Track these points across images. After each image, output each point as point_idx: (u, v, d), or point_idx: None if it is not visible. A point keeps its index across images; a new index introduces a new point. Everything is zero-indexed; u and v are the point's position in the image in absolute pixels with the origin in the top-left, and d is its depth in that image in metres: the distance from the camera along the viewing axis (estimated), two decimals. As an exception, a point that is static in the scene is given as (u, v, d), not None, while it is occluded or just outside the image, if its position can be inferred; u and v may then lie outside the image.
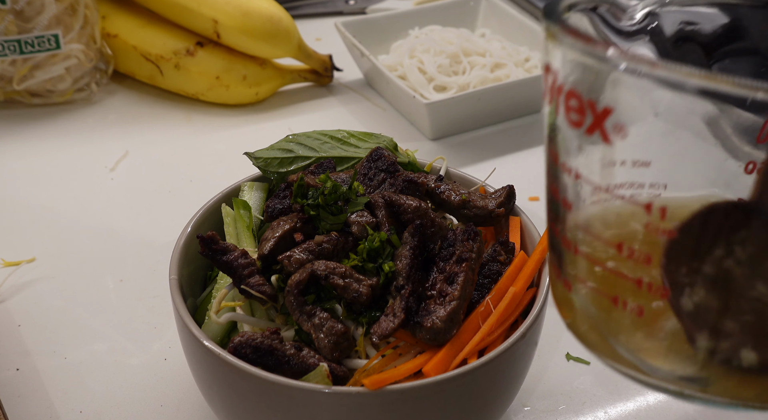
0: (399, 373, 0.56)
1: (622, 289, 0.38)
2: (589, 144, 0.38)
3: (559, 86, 0.38)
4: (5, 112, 1.04)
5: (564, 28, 0.37)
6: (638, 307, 0.38)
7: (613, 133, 0.37)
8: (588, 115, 0.37)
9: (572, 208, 0.40)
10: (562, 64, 0.38)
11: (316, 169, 0.69)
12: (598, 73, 0.36)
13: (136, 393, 0.70)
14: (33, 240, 0.86)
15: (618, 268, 0.38)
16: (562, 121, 0.39)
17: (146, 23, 1.07)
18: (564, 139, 0.39)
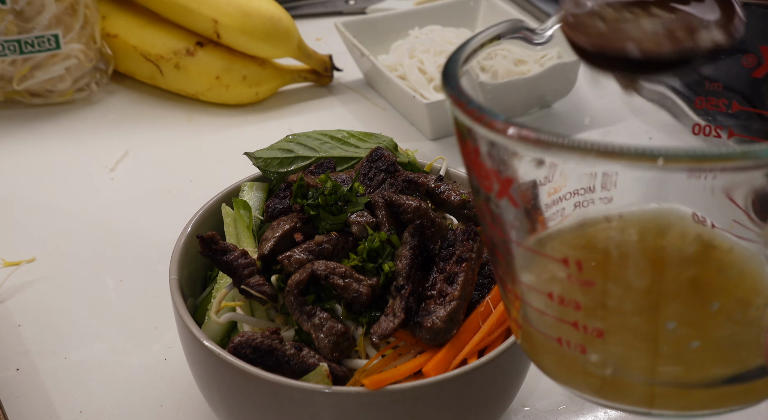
0: (399, 373, 0.56)
1: (563, 332, 0.40)
2: (503, 204, 0.39)
3: (465, 151, 0.39)
4: (5, 112, 1.04)
5: (453, 99, 0.37)
6: (580, 346, 0.40)
7: (519, 199, 0.38)
8: (494, 181, 0.38)
9: (504, 259, 0.42)
10: (462, 131, 0.38)
11: (316, 169, 0.69)
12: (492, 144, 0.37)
13: (136, 393, 0.70)
14: (33, 240, 0.86)
15: (555, 313, 0.40)
16: (476, 183, 0.40)
17: (146, 23, 1.07)
18: (482, 198, 0.40)
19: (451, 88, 0.38)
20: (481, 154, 0.37)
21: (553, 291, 0.40)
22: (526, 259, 0.41)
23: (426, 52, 1.06)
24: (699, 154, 0.32)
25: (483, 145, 0.37)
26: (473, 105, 0.36)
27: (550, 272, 0.41)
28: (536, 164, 0.37)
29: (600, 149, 0.33)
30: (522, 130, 0.35)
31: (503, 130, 0.35)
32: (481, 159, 0.38)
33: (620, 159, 0.33)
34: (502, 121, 0.35)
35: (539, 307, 0.41)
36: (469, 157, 0.39)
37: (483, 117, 0.36)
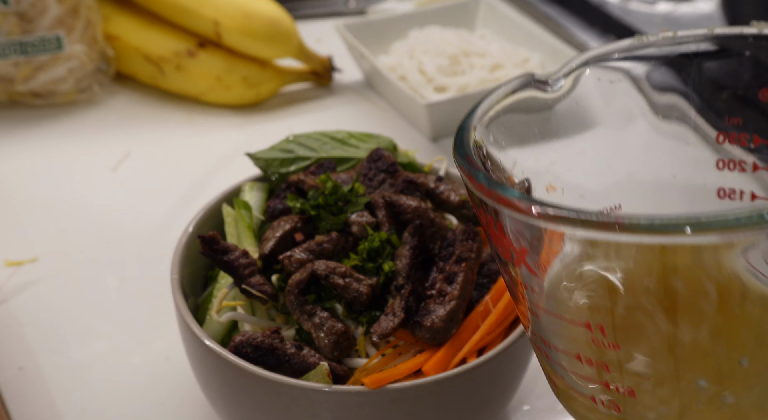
0: (399, 372, 0.56)
1: (596, 391, 0.40)
2: (522, 271, 0.39)
3: (480, 218, 0.39)
4: (8, 113, 1.05)
5: (463, 171, 0.38)
6: (614, 404, 0.40)
7: (537, 269, 0.38)
8: (511, 251, 0.38)
9: (530, 320, 0.42)
10: (476, 201, 0.38)
11: (317, 170, 0.69)
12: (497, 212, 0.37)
13: (137, 391, 0.70)
14: (35, 240, 0.86)
15: (586, 374, 0.40)
16: (495, 249, 0.40)
17: (148, 24, 1.07)
18: (502, 263, 0.40)
19: (462, 161, 0.39)
20: (497, 225, 0.37)
21: (581, 353, 0.40)
22: (549, 322, 0.41)
23: (426, 53, 1.07)
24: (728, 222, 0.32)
25: (495, 216, 0.37)
26: (482, 179, 0.36)
27: (574, 335, 0.40)
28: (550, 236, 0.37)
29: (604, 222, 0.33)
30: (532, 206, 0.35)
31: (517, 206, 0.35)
32: (496, 229, 0.38)
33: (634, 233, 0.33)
34: (515, 197, 0.35)
35: (570, 367, 0.41)
36: (486, 226, 0.39)
37: (492, 192, 0.36)
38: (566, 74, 0.45)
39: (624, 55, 0.46)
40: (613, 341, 0.38)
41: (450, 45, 1.08)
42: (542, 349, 0.43)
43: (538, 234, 0.37)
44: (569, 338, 0.41)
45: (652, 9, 1.21)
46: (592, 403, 0.41)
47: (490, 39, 1.13)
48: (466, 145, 0.40)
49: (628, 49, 0.46)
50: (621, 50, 0.46)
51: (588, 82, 0.46)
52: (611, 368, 0.39)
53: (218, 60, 1.05)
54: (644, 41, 0.45)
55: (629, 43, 0.45)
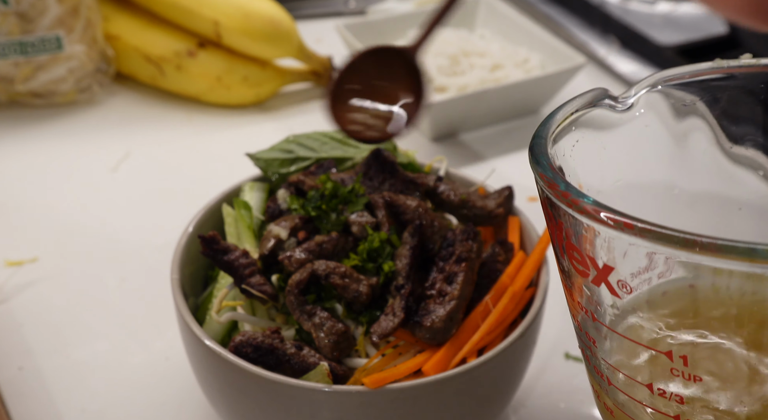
0: (399, 372, 0.56)
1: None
2: (600, 291, 0.37)
3: (557, 231, 0.37)
4: (8, 113, 1.05)
5: (547, 184, 0.36)
6: None
7: (619, 289, 0.36)
8: (591, 268, 0.36)
9: (597, 344, 0.40)
10: (554, 213, 0.36)
11: (317, 170, 0.69)
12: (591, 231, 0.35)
13: (137, 392, 0.70)
14: (35, 240, 0.86)
15: (654, 404, 0.38)
16: (569, 266, 0.37)
17: (148, 24, 1.07)
18: (574, 281, 0.38)
19: (542, 169, 0.37)
20: (576, 238, 0.35)
21: (654, 382, 0.38)
22: (620, 345, 0.39)
23: (425, 53, 1.07)
24: None
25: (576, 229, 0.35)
26: (569, 188, 0.34)
27: (648, 363, 0.38)
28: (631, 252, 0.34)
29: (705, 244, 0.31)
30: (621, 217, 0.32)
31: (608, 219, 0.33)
32: (575, 241, 0.35)
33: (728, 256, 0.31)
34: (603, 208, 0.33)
35: (637, 397, 0.39)
36: (560, 240, 0.37)
37: (578, 202, 0.34)
38: (636, 93, 0.44)
39: (698, 78, 0.44)
40: (694, 373, 0.36)
41: (450, 45, 1.08)
42: (604, 376, 0.40)
43: (624, 250, 0.34)
44: (641, 366, 0.38)
45: (652, 9, 1.21)
46: None
47: (490, 39, 1.13)
48: (544, 153, 0.38)
49: (705, 72, 0.44)
50: (696, 73, 0.44)
51: (657, 102, 0.44)
52: (686, 401, 0.37)
53: (218, 60, 1.05)
54: (724, 66, 0.44)
55: (707, 67, 0.44)
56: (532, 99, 1.05)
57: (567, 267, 0.38)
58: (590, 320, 0.39)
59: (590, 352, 0.41)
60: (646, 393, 0.38)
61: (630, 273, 0.36)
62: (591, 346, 0.41)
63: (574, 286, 0.39)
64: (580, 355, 0.73)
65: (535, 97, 1.05)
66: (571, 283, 0.39)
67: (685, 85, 0.44)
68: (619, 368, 0.39)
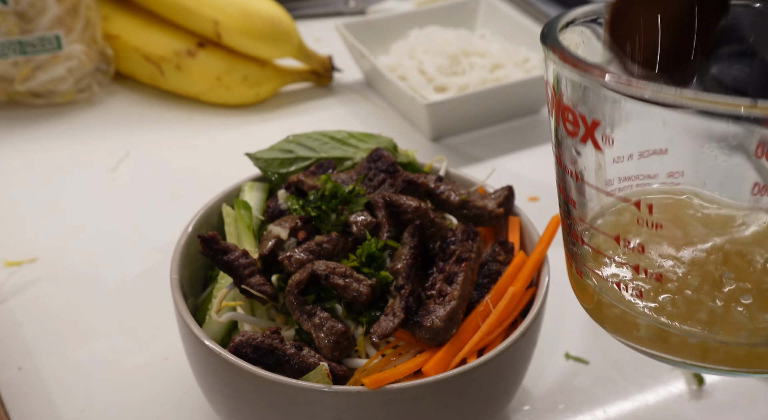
0: (399, 372, 0.56)
1: (624, 276, 0.43)
2: (585, 150, 0.42)
3: (556, 100, 0.42)
4: (7, 113, 1.05)
5: (555, 49, 0.41)
6: (639, 291, 0.42)
7: (603, 143, 0.41)
8: (581, 126, 0.41)
9: (577, 206, 0.45)
10: (556, 81, 0.42)
11: (317, 170, 0.69)
12: (584, 89, 0.40)
13: (137, 392, 0.70)
14: (35, 240, 0.86)
15: (619, 257, 0.43)
16: (561, 130, 0.43)
17: (147, 24, 1.07)
18: (564, 145, 0.43)
19: (551, 40, 0.42)
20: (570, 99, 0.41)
21: (621, 233, 0.42)
22: (598, 201, 0.44)
23: (426, 53, 1.07)
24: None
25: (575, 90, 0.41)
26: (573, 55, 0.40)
27: (619, 215, 0.43)
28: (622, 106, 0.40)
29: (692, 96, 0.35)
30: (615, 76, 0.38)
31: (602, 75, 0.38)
32: (568, 103, 0.41)
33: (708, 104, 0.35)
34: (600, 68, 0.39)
35: (605, 250, 0.43)
36: (559, 106, 0.42)
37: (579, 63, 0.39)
38: None
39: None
40: (657, 221, 0.41)
41: (450, 45, 1.08)
42: (579, 236, 0.45)
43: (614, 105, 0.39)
44: (613, 220, 0.43)
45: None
46: (616, 290, 0.43)
47: (490, 39, 1.13)
48: (554, 33, 0.43)
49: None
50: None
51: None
52: (647, 249, 0.41)
53: (218, 60, 1.05)
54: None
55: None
56: (532, 99, 1.05)
57: (561, 134, 0.43)
58: (575, 181, 0.44)
59: (569, 219, 0.46)
60: (613, 245, 0.43)
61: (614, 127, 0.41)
62: (572, 209, 0.45)
63: (564, 152, 0.44)
64: (580, 355, 0.73)
65: (535, 97, 1.05)
66: (562, 151, 0.44)
67: None
68: (592, 224, 0.44)
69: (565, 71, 0.40)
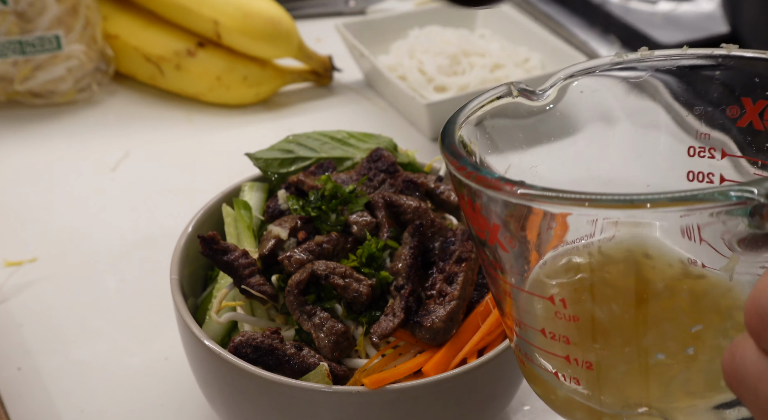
0: (399, 372, 0.56)
1: (558, 365, 0.43)
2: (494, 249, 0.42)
3: (462, 200, 0.42)
4: (7, 113, 1.05)
5: (447, 157, 0.41)
6: (575, 378, 0.43)
7: (507, 245, 0.42)
8: (486, 229, 0.41)
9: (501, 299, 0.45)
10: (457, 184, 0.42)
11: (317, 170, 0.69)
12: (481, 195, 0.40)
13: (137, 392, 0.70)
14: (34, 240, 0.86)
15: (549, 348, 0.43)
16: (471, 227, 0.43)
17: (147, 24, 1.07)
18: (476, 241, 0.43)
19: (446, 148, 0.42)
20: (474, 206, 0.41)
21: (545, 327, 0.42)
22: (518, 297, 0.44)
23: (426, 53, 1.07)
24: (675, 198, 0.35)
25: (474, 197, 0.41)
26: (464, 162, 0.40)
27: (540, 310, 0.43)
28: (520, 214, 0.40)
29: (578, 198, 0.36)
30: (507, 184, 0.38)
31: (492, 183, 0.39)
32: (473, 209, 0.41)
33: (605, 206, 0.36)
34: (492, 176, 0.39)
35: (535, 343, 0.44)
36: (464, 207, 0.42)
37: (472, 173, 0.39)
38: (552, 85, 0.49)
39: (606, 69, 0.49)
40: (573, 314, 0.41)
41: (450, 45, 1.08)
42: (512, 328, 0.45)
43: (511, 211, 0.40)
44: (535, 314, 0.43)
45: (653, 8, 1.21)
46: (555, 379, 0.44)
47: (490, 39, 1.13)
48: (451, 135, 0.43)
49: (610, 65, 0.49)
50: (603, 66, 0.49)
51: (572, 92, 0.49)
52: (571, 341, 0.42)
53: (218, 60, 1.05)
54: (624, 58, 0.48)
55: (610, 60, 0.49)
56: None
57: (474, 234, 0.43)
58: (495, 278, 0.44)
59: (501, 309, 0.46)
60: (541, 338, 0.43)
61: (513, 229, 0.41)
62: (500, 303, 0.46)
63: (481, 251, 0.44)
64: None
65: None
66: (479, 247, 0.44)
67: (593, 76, 0.49)
68: (520, 319, 0.44)
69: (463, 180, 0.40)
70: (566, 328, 0.42)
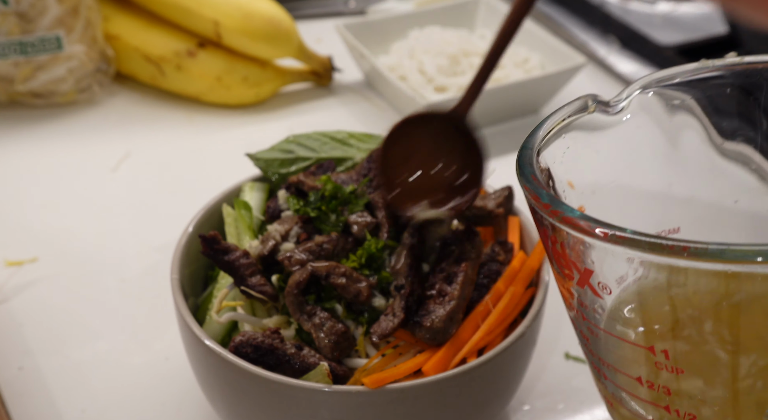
0: (399, 372, 0.56)
1: (656, 414, 0.40)
2: (585, 293, 0.39)
3: (545, 238, 0.39)
4: (8, 113, 1.05)
5: (531, 195, 0.38)
6: None
7: (601, 290, 0.38)
8: (574, 271, 0.38)
9: (590, 342, 0.42)
10: (542, 221, 0.38)
11: (317, 170, 0.69)
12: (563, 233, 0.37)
13: (137, 392, 0.70)
14: (35, 240, 0.86)
15: (645, 396, 0.40)
16: (557, 268, 0.40)
17: (148, 24, 1.07)
18: (565, 285, 0.40)
19: (525, 180, 0.38)
20: (560, 245, 0.37)
21: (642, 376, 0.40)
22: (610, 343, 0.41)
23: (426, 53, 1.07)
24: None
25: (558, 236, 0.37)
26: (546, 199, 0.36)
27: (636, 357, 0.40)
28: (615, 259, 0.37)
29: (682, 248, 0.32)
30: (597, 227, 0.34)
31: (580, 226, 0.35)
32: (559, 248, 0.38)
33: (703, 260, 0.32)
34: (578, 217, 0.35)
35: (629, 390, 0.41)
36: (548, 245, 0.39)
37: (557, 212, 0.36)
38: (628, 96, 0.45)
39: (688, 78, 0.45)
40: (676, 366, 0.38)
41: (450, 45, 1.08)
42: (600, 370, 0.42)
43: (603, 255, 0.36)
44: (630, 360, 0.40)
45: (652, 9, 1.21)
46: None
47: (490, 39, 1.13)
48: (529, 164, 0.40)
49: (693, 73, 0.45)
50: (685, 73, 0.45)
51: (650, 104, 0.46)
52: (673, 392, 0.39)
53: (218, 60, 1.05)
54: (710, 65, 0.45)
55: (694, 67, 0.45)
56: (532, 99, 1.05)
57: (557, 270, 0.40)
58: (581, 319, 0.41)
59: (586, 349, 0.43)
60: (636, 385, 0.40)
61: (610, 276, 0.37)
62: (586, 343, 0.42)
63: (564, 288, 0.41)
64: (580, 355, 0.74)
65: (535, 97, 1.05)
66: (562, 285, 0.41)
67: (675, 86, 0.45)
68: (611, 364, 0.41)
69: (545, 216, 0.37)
70: (668, 380, 0.39)
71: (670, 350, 0.38)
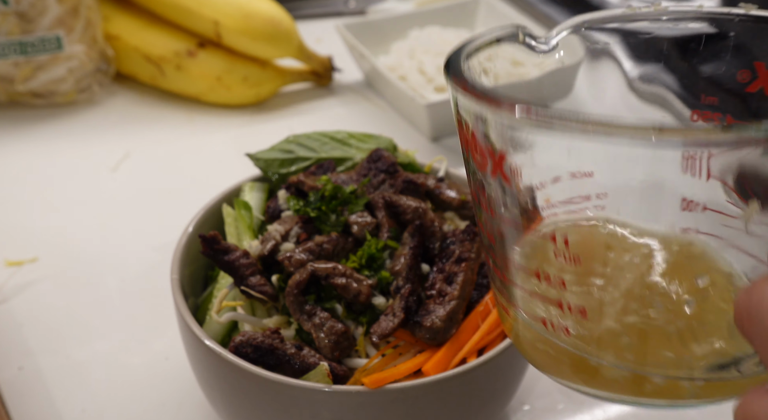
0: (399, 372, 0.56)
1: (549, 312, 0.41)
2: (495, 183, 0.40)
3: (462, 131, 0.40)
4: (8, 113, 1.05)
5: (455, 81, 0.39)
6: (564, 327, 0.41)
7: (512, 176, 0.39)
8: (488, 159, 0.39)
9: (495, 241, 0.43)
10: (462, 113, 0.40)
11: (317, 170, 0.70)
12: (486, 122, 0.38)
13: (137, 392, 0.71)
14: (35, 240, 0.86)
15: (541, 292, 0.41)
16: (472, 162, 0.41)
17: (148, 24, 1.07)
18: (477, 178, 0.41)
19: (454, 73, 0.39)
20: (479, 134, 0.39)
21: (540, 268, 0.40)
22: (514, 236, 0.42)
23: (426, 53, 1.07)
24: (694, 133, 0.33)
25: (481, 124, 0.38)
26: (473, 86, 0.37)
27: (537, 250, 0.41)
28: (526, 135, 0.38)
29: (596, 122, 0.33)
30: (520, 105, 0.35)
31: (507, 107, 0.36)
32: (477, 139, 0.39)
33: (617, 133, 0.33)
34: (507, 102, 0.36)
35: (526, 286, 0.42)
36: (466, 139, 0.40)
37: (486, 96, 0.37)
38: (558, 34, 0.47)
39: (613, 24, 0.47)
40: (576, 254, 0.39)
41: (450, 45, 1.08)
42: (501, 272, 0.43)
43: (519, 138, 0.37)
44: (530, 255, 0.41)
45: (652, 9, 1.21)
46: (542, 326, 0.42)
47: (490, 39, 1.13)
48: (457, 63, 0.41)
49: (619, 19, 0.47)
50: (611, 19, 0.47)
51: (575, 45, 0.47)
52: (567, 285, 0.40)
53: (218, 60, 1.05)
54: (635, 12, 0.46)
55: (621, 13, 0.46)
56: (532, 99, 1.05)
57: (472, 167, 0.41)
58: (489, 215, 0.42)
59: (490, 254, 0.44)
60: (534, 282, 0.41)
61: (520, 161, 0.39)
62: (491, 244, 0.43)
63: (476, 185, 0.42)
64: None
65: (535, 97, 1.05)
66: (475, 184, 0.42)
67: (600, 29, 0.47)
68: (512, 259, 0.42)
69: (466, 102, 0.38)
70: (564, 271, 0.40)
71: (571, 238, 0.40)
